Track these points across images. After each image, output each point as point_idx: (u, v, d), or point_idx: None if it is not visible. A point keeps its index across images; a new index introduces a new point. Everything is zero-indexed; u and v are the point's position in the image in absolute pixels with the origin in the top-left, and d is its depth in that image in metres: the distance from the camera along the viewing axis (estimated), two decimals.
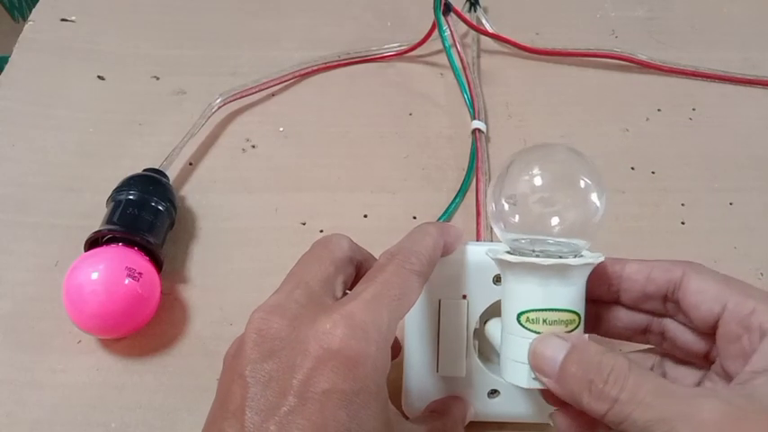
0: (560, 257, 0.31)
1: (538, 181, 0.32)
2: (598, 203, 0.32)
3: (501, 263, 0.32)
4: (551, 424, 0.32)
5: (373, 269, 0.31)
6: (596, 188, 0.32)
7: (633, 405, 0.27)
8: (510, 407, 0.37)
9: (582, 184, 0.32)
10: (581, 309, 0.32)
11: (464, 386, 0.37)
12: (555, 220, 0.32)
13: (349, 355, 0.27)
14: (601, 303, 0.34)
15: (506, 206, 0.32)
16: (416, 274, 0.31)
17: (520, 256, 0.32)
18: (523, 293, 0.31)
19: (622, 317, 0.34)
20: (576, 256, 0.32)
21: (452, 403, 0.36)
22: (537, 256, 0.31)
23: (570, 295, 0.31)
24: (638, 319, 0.34)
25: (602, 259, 0.32)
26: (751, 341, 0.29)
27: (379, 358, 0.28)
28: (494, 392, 0.37)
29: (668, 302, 0.32)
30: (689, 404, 0.26)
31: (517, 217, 0.32)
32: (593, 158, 0.33)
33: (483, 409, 0.37)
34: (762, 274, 0.46)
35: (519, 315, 0.31)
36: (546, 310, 0.31)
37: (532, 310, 0.31)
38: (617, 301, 0.34)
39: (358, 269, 0.34)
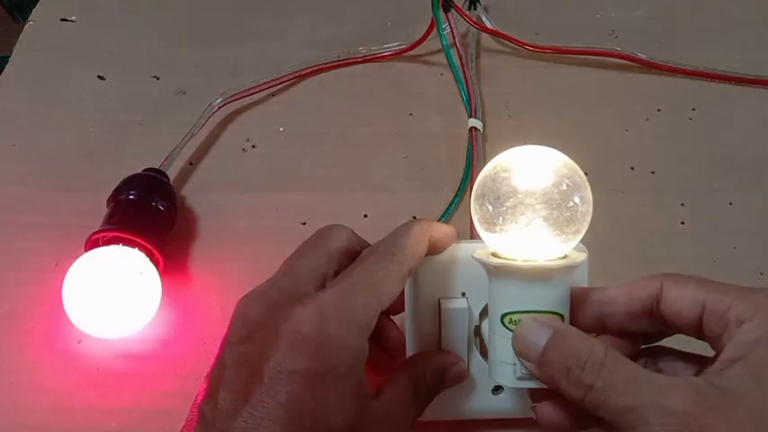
0: (544, 259, 0.31)
1: (520, 184, 0.32)
2: (581, 205, 0.32)
3: (484, 265, 0.32)
4: (534, 417, 0.32)
5: (354, 263, 0.32)
6: (578, 190, 0.32)
7: (607, 392, 0.28)
8: (514, 403, 0.37)
9: (564, 186, 0.31)
10: (565, 309, 0.32)
11: (467, 383, 0.37)
12: (537, 223, 0.31)
13: (316, 338, 0.28)
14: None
15: (490, 208, 0.32)
16: (395, 264, 0.31)
17: (503, 259, 0.32)
18: (506, 295, 0.32)
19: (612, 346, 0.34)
20: (561, 257, 0.32)
21: (425, 357, 0.36)
22: (520, 258, 0.31)
23: (553, 297, 0.31)
24: (627, 347, 0.33)
25: (583, 259, 0.32)
26: (730, 336, 0.29)
27: (351, 342, 0.29)
28: (498, 389, 0.37)
29: (654, 318, 0.32)
30: (660, 393, 0.27)
31: (500, 219, 0.32)
32: (593, 159, 0.33)
33: (487, 406, 0.37)
34: (762, 274, 0.46)
35: (503, 316, 0.31)
36: (528, 311, 0.31)
37: (515, 312, 0.31)
38: (604, 331, 0.33)
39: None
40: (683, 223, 0.48)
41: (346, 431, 0.28)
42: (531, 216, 0.31)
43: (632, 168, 0.51)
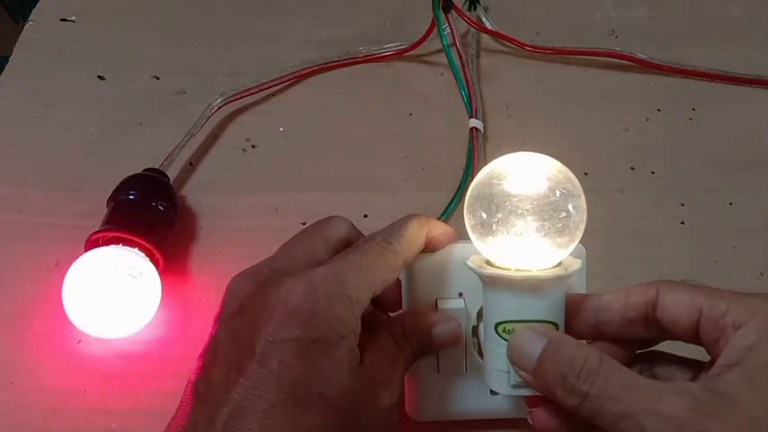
0: (537, 268, 0.31)
1: (513, 192, 0.31)
2: (574, 214, 0.31)
3: (477, 274, 0.32)
4: (530, 422, 0.32)
5: (349, 248, 0.32)
6: (572, 199, 0.31)
7: (603, 399, 0.28)
8: (511, 404, 0.37)
9: (557, 194, 0.31)
10: (559, 318, 0.32)
11: (465, 384, 0.37)
12: (530, 232, 0.31)
13: (306, 307, 0.29)
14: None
15: (483, 215, 0.32)
16: (391, 252, 0.32)
17: (496, 268, 0.32)
18: (500, 304, 0.32)
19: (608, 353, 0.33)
20: (555, 266, 0.32)
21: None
22: (513, 267, 0.31)
23: (547, 306, 0.31)
24: (622, 354, 0.33)
25: (576, 269, 0.32)
26: (726, 340, 0.29)
27: (341, 312, 0.29)
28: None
29: (650, 325, 0.32)
30: (656, 399, 0.27)
31: (492, 228, 0.31)
32: (593, 159, 0.33)
33: (485, 407, 0.37)
34: (761, 274, 0.46)
35: (496, 325, 0.31)
36: (522, 321, 0.31)
37: (509, 321, 0.31)
38: (599, 338, 0.33)
39: None
40: (683, 223, 0.48)
41: (340, 398, 0.28)
42: (524, 225, 0.31)
43: (632, 168, 0.51)
